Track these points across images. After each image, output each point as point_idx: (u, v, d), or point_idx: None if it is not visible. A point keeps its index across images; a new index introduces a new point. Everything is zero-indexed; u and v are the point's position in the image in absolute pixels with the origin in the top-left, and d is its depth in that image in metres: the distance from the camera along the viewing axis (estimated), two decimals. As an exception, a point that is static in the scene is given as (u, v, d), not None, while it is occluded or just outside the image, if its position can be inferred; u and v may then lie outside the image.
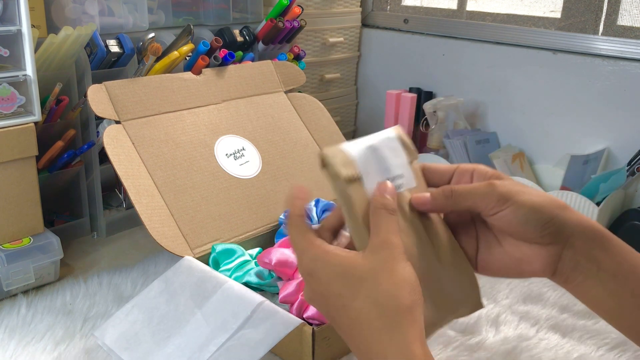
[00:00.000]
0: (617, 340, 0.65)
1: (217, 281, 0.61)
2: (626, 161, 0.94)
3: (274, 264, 0.63)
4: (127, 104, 0.75)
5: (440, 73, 1.18)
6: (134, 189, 0.69)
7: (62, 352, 0.61)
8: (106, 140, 0.71)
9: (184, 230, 0.70)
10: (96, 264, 0.80)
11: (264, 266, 0.65)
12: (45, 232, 0.75)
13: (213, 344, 0.54)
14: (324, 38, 1.18)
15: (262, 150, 0.84)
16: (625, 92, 0.95)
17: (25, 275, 0.70)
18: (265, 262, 0.64)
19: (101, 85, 0.74)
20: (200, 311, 0.58)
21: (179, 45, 0.85)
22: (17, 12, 0.66)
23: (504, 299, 0.73)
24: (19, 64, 0.68)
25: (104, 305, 0.69)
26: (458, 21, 1.16)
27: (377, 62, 1.28)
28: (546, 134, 1.05)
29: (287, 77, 0.95)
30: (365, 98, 1.32)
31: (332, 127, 0.95)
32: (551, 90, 1.04)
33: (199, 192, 0.74)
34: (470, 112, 1.14)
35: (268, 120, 0.89)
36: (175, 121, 0.79)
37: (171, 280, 0.63)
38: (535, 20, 1.09)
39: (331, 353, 0.59)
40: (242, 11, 1.02)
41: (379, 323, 0.38)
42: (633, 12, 0.98)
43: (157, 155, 0.74)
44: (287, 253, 0.64)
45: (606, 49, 0.97)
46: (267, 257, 0.64)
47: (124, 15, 0.86)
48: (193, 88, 0.83)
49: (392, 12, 1.28)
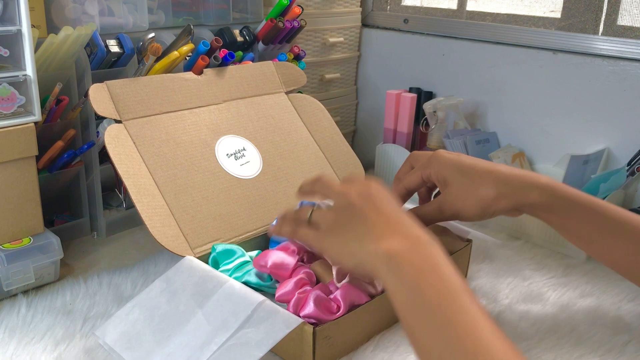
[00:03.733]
0: (617, 340, 0.65)
1: (217, 281, 0.61)
2: (626, 161, 0.94)
3: (270, 267, 0.63)
4: (129, 103, 0.75)
5: (440, 73, 1.18)
6: (135, 188, 0.69)
7: (62, 352, 0.61)
8: (107, 139, 0.71)
9: (185, 229, 0.70)
10: (96, 264, 0.80)
11: (260, 269, 0.65)
12: (45, 232, 0.75)
13: (214, 343, 0.54)
14: (324, 38, 1.18)
15: (262, 151, 0.84)
16: (625, 92, 0.95)
17: (25, 275, 0.70)
18: (261, 265, 0.64)
19: (103, 85, 0.74)
20: (201, 310, 0.58)
21: (179, 45, 0.85)
22: (17, 12, 0.66)
23: (504, 299, 0.73)
24: (19, 64, 0.68)
25: (104, 305, 0.69)
26: (458, 21, 1.16)
27: (377, 62, 1.28)
28: (546, 134, 1.05)
29: (288, 78, 0.95)
30: (365, 98, 1.32)
31: (333, 129, 0.95)
32: (551, 90, 1.04)
33: (200, 192, 0.74)
34: (470, 112, 1.14)
35: (269, 120, 0.89)
36: (176, 121, 0.79)
37: (172, 280, 0.63)
38: (535, 20, 1.09)
39: (332, 353, 0.59)
40: (242, 11, 1.02)
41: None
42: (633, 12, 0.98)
43: (158, 154, 0.74)
44: (283, 256, 0.64)
45: (606, 49, 0.97)
46: (263, 259, 0.64)
47: (124, 15, 0.86)
48: (194, 88, 0.83)
49: (392, 12, 1.28)
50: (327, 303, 0.59)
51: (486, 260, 0.83)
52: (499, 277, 0.78)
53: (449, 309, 0.44)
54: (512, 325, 0.68)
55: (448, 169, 0.64)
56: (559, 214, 0.62)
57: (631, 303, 0.73)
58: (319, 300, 0.59)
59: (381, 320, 0.65)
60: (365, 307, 0.61)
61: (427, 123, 1.09)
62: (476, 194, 0.62)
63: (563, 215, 0.61)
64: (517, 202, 0.62)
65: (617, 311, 0.71)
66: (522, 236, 0.91)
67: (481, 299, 0.73)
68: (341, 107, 1.28)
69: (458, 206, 0.63)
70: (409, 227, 0.52)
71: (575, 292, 0.75)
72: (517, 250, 0.87)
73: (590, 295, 0.75)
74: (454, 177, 0.63)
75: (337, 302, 0.59)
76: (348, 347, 0.62)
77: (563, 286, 0.77)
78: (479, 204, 0.62)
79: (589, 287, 0.76)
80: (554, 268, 0.82)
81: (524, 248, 0.88)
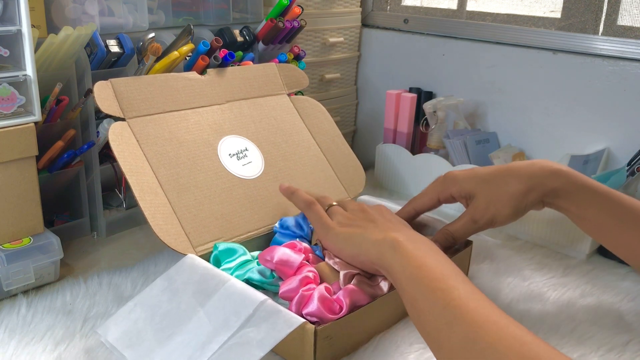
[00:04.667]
0: (617, 340, 0.65)
1: (219, 279, 0.61)
2: (626, 161, 0.94)
3: (276, 262, 0.63)
4: (133, 101, 0.76)
5: (440, 73, 1.18)
6: (138, 186, 0.69)
7: (62, 352, 0.61)
8: (111, 136, 0.71)
9: (187, 228, 0.70)
10: (96, 264, 0.80)
11: (265, 264, 0.65)
12: (45, 232, 0.75)
13: (215, 342, 0.54)
14: (324, 38, 1.18)
15: (264, 151, 0.84)
16: (625, 92, 0.95)
17: (25, 275, 0.70)
18: (267, 260, 0.64)
19: (107, 82, 0.75)
20: (202, 309, 0.58)
21: (179, 45, 0.85)
22: (17, 12, 0.66)
23: (504, 299, 0.73)
24: (19, 64, 0.68)
25: (104, 305, 0.69)
26: (458, 21, 1.16)
27: (377, 62, 1.28)
28: (546, 134, 1.06)
29: (290, 80, 0.95)
30: (365, 98, 1.32)
31: (334, 131, 0.95)
32: (551, 90, 1.04)
33: (202, 191, 0.74)
34: (470, 112, 1.15)
35: (271, 121, 0.89)
36: (180, 120, 0.79)
37: (174, 278, 0.63)
38: (535, 20, 1.09)
39: (333, 352, 0.59)
40: (242, 11, 1.02)
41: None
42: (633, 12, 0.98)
43: (161, 153, 0.74)
44: (289, 252, 0.64)
45: (606, 49, 0.98)
46: (269, 254, 0.64)
47: (124, 15, 0.86)
48: (197, 88, 0.83)
49: (392, 12, 1.28)
50: (330, 303, 0.59)
51: (486, 260, 0.83)
52: (499, 277, 0.78)
53: (450, 279, 0.49)
54: (513, 325, 0.68)
55: (469, 183, 0.67)
56: (578, 202, 0.63)
57: (631, 303, 0.73)
58: (322, 299, 0.59)
59: (382, 321, 0.65)
60: (366, 308, 0.61)
61: (427, 123, 1.09)
62: (507, 194, 0.65)
63: (582, 203, 0.63)
64: (544, 193, 0.64)
65: (618, 311, 0.71)
66: (522, 236, 0.91)
67: (482, 299, 0.73)
68: (341, 107, 1.28)
69: (492, 211, 0.65)
70: (413, 231, 0.61)
71: (575, 292, 0.75)
72: (517, 250, 0.87)
73: (590, 295, 0.75)
74: (479, 187, 0.66)
75: (340, 302, 0.59)
76: (349, 347, 0.62)
77: (563, 286, 0.77)
78: (511, 203, 0.65)
79: (589, 287, 0.76)
80: (554, 268, 0.82)
81: (524, 248, 0.88)
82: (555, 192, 0.64)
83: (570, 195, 0.64)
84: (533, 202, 0.65)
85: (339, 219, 0.66)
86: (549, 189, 0.64)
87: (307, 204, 0.69)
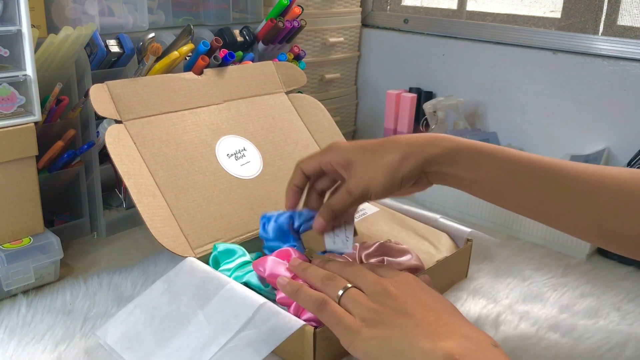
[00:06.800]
0: (617, 340, 0.65)
1: (219, 282, 0.60)
2: (626, 161, 0.94)
3: (267, 275, 0.62)
4: (129, 103, 0.75)
5: (440, 73, 1.18)
6: (136, 188, 0.69)
7: (62, 352, 0.61)
8: (108, 139, 0.71)
9: (185, 230, 0.70)
10: (96, 264, 0.80)
11: (258, 273, 0.64)
12: (45, 232, 0.75)
13: (215, 345, 0.54)
14: (324, 38, 1.18)
15: (263, 151, 0.84)
16: (625, 92, 0.95)
17: (25, 275, 0.70)
18: (260, 270, 0.63)
19: (103, 85, 0.74)
20: (202, 312, 0.58)
21: (179, 45, 0.85)
22: (17, 12, 0.66)
23: (504, 299, 0.73)
24: (19, 64, 0.68)
25: (104, 305, 0.69)
26: (458, 21, 1.16)
27: (377, 62, 1.28)
28: (546, 134, 1.06)
29: (288, 78, 0.95)
30: (365, 98, 1.32)
31: (333, 129, 0.95)
32: (551, 90, 1.04)
33: (200, 192, 0.74)
34: (470, 112, 1.15)
35: (269, 120, 0.89)
36: (177, 121, 0.79)
37: (173, 281, 0.63)
38: (535, 20, 1.09)
39: (332, 354, 0.59)
40: (242, 11, 1.02)
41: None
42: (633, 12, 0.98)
43: (158, 155, 0.74)
44: (281, 268, 0.63)
45: (606, 49, 0.98)
46: (262, 265, 0.63)
47: (124, 15, 0.86)
48: (194, 88, 0.83)
49: (392, 12, 1.28)
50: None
51: (486, 260, 0.83)
52: (499, 277, 0.79)
53: None
54: (512, 325, 0.68)
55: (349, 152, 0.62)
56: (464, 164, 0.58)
57: (631, 303, 0.73)
58: None
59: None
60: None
61: (427, 123, 1.09)
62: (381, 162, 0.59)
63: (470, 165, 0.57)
64: (422, 161, 0.58)
65: (617, 311, 0.71)
66: (522, 236, 0.91)
67: (481, 299, 0.73)
68: (341, 107, 1.28)
69: (366, 181, 0.60)
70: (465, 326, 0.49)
71: (575, 292, 0.75)
72: (517, 250, 0.87)
73: (590, 295, 0.75)
74: (356, 156, 0.61)
75: None
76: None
77: (563, 286, 0.77)
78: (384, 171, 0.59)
79: (589, 287, 0.77)
80: (554, 268, 0.82)
81: (524, 248, 0.88)
82: (435, 158, 0.58)
83: (454, 159, 0.58)
84: (411, 171, 0.59)
85: (361, 311, 0.52)
86: (427, 156, 0.58)
87: (317, 304, 0.54)
